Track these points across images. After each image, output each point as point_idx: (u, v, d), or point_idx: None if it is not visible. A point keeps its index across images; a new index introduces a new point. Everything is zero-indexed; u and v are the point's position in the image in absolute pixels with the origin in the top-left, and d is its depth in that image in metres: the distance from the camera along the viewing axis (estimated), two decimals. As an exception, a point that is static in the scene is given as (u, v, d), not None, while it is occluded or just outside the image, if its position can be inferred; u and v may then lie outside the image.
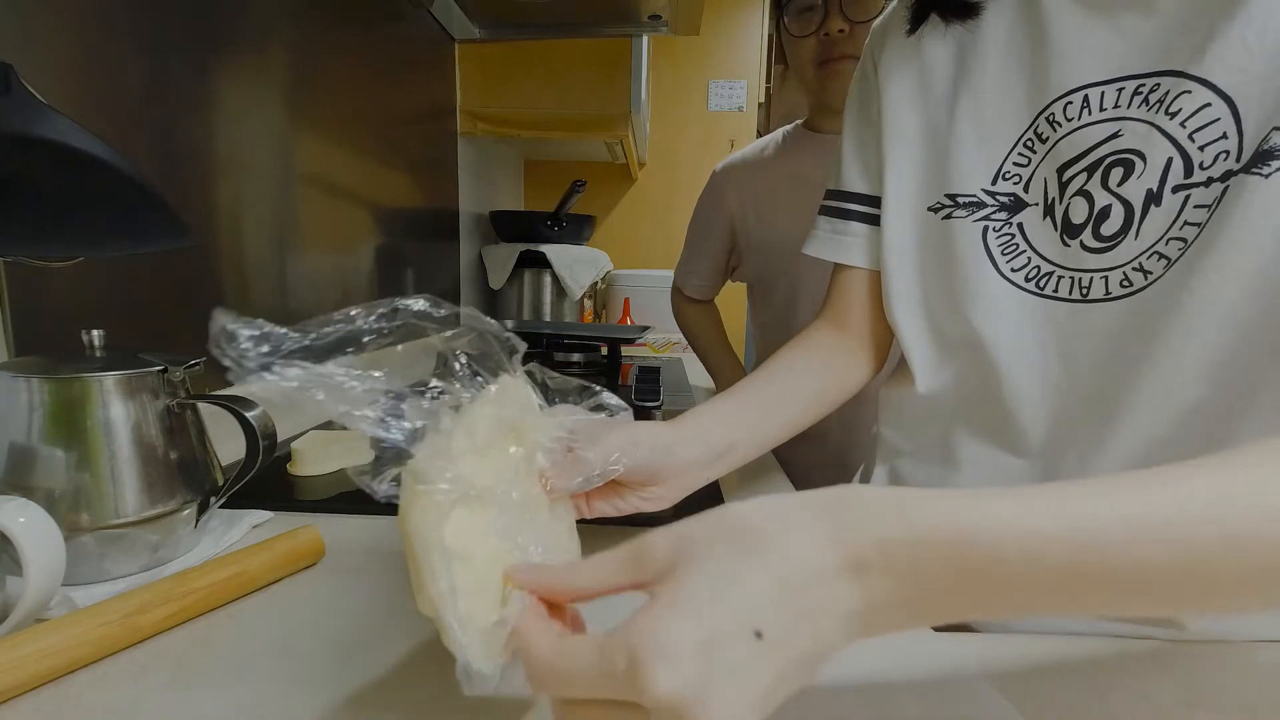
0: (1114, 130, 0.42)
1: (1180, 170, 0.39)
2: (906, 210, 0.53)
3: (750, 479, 0.70)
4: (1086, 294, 0.44)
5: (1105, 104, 0.42)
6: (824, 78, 0.94)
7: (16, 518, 0.34)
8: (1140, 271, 0.42)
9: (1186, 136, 0.39)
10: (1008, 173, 0.47)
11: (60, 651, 0.33)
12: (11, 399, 0.40)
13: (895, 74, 0.53)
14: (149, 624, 0.36)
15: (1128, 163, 0.41)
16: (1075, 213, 0.44)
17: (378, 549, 0.49)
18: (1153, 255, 0.41)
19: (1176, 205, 0.40)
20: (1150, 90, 0.41)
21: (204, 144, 0.75)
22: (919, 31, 0.52)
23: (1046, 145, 0.45)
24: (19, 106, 0.39)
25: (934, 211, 0.50)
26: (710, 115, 2.62)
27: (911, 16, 0.52)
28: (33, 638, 0.32)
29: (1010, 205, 0.47)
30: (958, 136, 0.49)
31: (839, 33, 0.89)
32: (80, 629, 0.34)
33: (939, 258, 0.51)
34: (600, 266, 2.01)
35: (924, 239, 0.52)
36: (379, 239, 1.21)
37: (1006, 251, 0.47)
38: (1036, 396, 0.47)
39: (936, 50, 0.51)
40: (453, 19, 1.45)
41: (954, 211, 0.49)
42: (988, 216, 0.48)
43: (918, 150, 0.52)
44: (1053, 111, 0.44)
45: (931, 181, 0.51)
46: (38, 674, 0.32)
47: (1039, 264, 0.46)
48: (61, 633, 0.33)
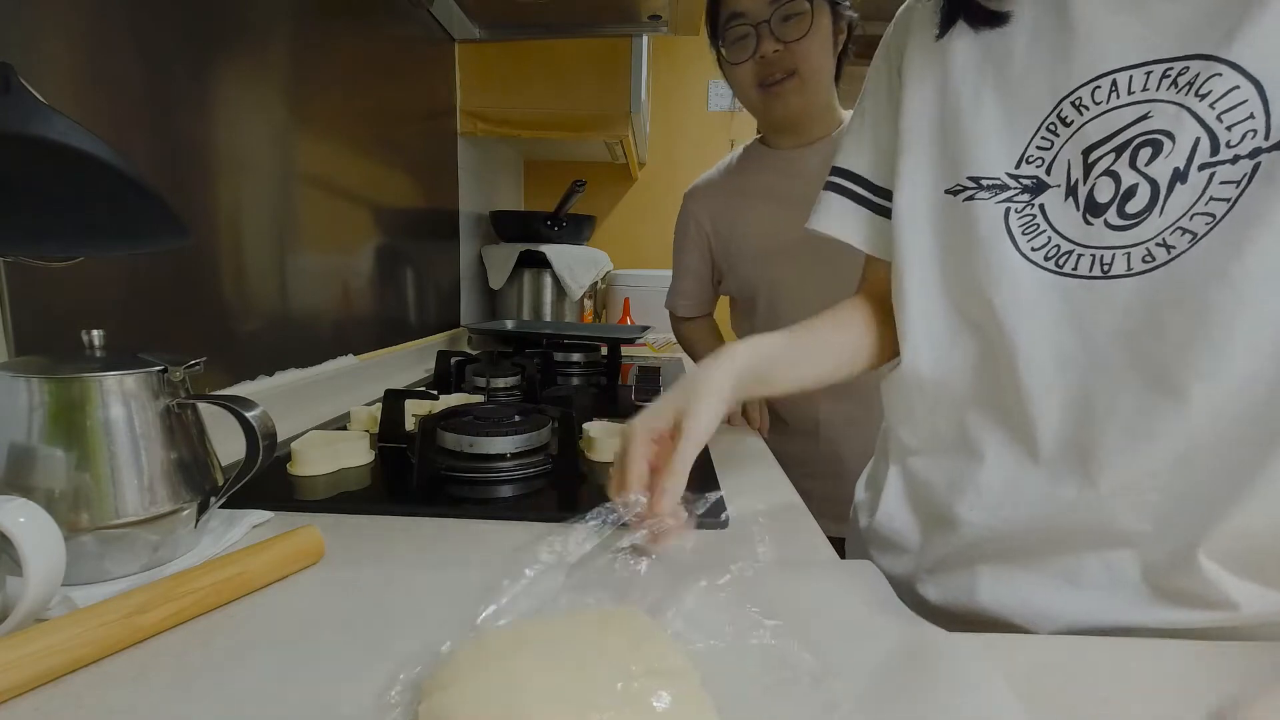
0: (1144, 112, 0.43)
1: (1207, 149, 0.41)
2: (921, 196, 0.54)
3: (747, 467, 0.70)
4: (1108, 270, 0.45)
5: (1134, 87, 0.44)
6: (767, 100, 0.98)
7: (16, 518, 0.34)
8: (1163, 247, 0.43)
9: (1215, 117, 0.41)
10: (1031, 156, 0.48)
11: (61, 651, 0.33)
12: (11, 399, 0.40)
13: (919, 76, 0.55)
14: (149, 624, 0.36)
15: (1156, 143, 0.43)
16: (1101, 192, 0.45)
17: (378, 549, 0.49)
18: (1176, 230, 0.43)
19: (1202, 182, 0.42)
20: (1179, 73, 0.42)
21: (204, 144, 0.75)
22: (947, 35, 0.53)
23: (1071, 129, 0.46)
24: (19, 106, 0.39)
25: (954, 194, 0.52)
26: (710, 115, 2.62)
27: (941, 21, 0.53)
28: (33, 637, 0.32)
29: (1032, 187, 0.48)
30: (981, 122, 0.50)
31: (774, 53, 0.93)
32: (81, 629, 0.34)
33: (960, 239, 0.52)
34: (600, 266, 2.01)
35: (942, 221, 0.53)
36: (379, 239, 1.21)
37: (1027, 231, 0.48)
38: (1049, 370, 0.48)
39: (960, 45, 0.52)
40: (453, 19, 1.45)
41: (976, 194, 0.50)
42: (1010, 198, 0.49)
43: (936, 140, 0.53)
44: (1079, 96, 0.46)
45: (949, 165, 0.52)
46: (38, 674, 0.32)
47: (1059, 243, 0.47)
48: (62, 633, 0.33)
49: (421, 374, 1.25)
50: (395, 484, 0.64)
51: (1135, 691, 0.36)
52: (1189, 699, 0.35)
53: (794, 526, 0.57)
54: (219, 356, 0.77)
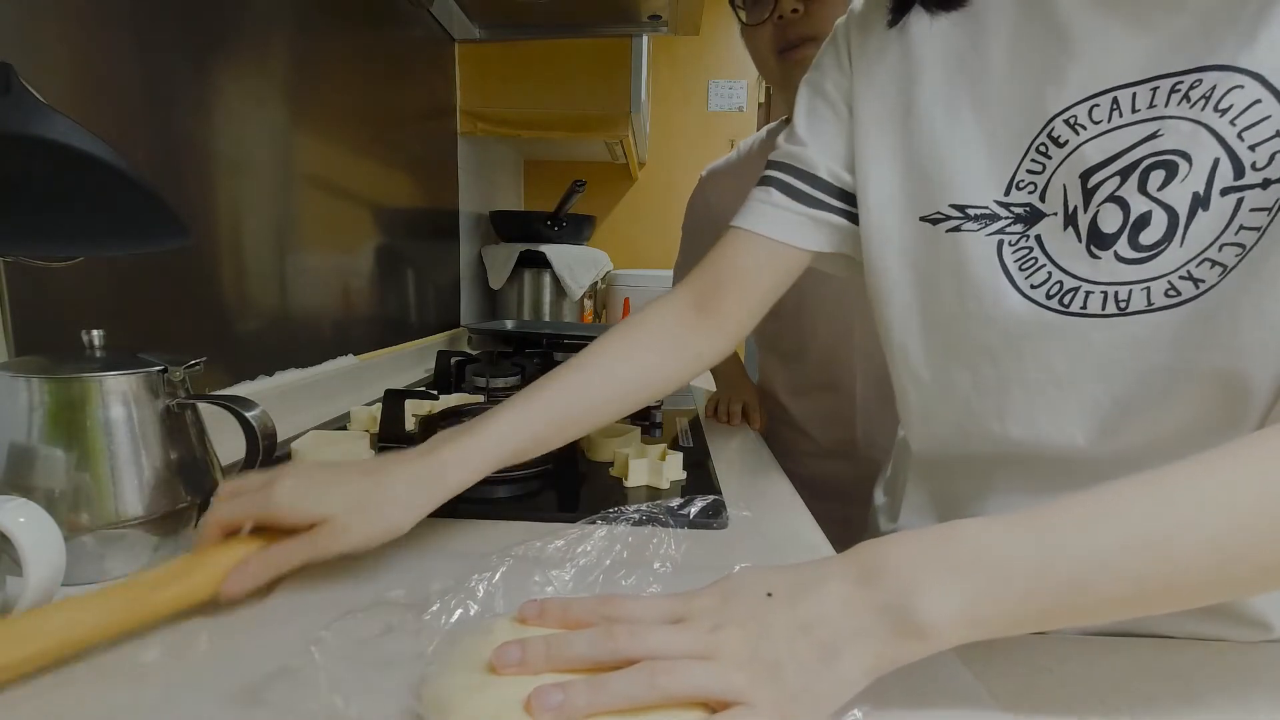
0: (1151, 131, 0.39)
1: (1229, 171, 0.37)
2: (891, 222, 0.49)
3: (746, 468, 0.70)
4: (1124, 307, 0.41)
5: (1139, 105, 0.39)
6: (787, 67, 0.90)
7: (16, 518, 0.34)
8: (1189, 280, 0.39)
9: (1235, 135, 0.37)
10: (1021, 181, 0.44)
11: (84, 624, 0.33)
12: (11, 399, 0.40)
13: (874, 65, 0.49)
14: (165, 601, 0.36)
15: (1170, 165, 0.39)
16: (1106, 221, 0.41)
17: (377, 548, 0.49)
18: (1203, 263, 0.38)
19: (1228, 209, 0.37)
20: (1191, 86, 0.38)
21: (204, 144, 0.75)
22: (902, 23, 0.48)
23: (1065, 150, 0.42)
24: (19, 106, 0.39)
25: (932, 224, 0.47)
26: (710, 115, 2.62)
27: (893, 5, 0.48)
28: (60, 609, 0.33)
29: (1026, 216, 0.44)
30: (958, 142, 0.45)
31: (793, 13, 0.86)
32: (102, 601, 0.34)
33: (944, 275, 0.47)
34: (600, 266, 2.01)
35: (920, 253, 0.48)
36: (379, 239, 1.21)
37: (1025, 267, 0.44)
38: (1064, 414, 0.44)
39: (925, 49, 0.47)
40: (453, 19, 1.45)
41: (963, 224, 0.45)
42: (1002, 230, 0.44)
43: (901, 155, 0.48)
44: (1074, 114, 0.41)
45: (922, 189, 0.47)
46: (68, 641, 0.33)
47: (1061, 279, 0.43)
48: (87, 605, 0.34)
49: (421, 374, 1.25)
50: (395, 484, 0.64)
51: (1136, 691, 0.36)
52: (1189, 699, 0.35)
53: (794, 527, 0.57)
54: (219, 356, 0.77)
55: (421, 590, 0.38)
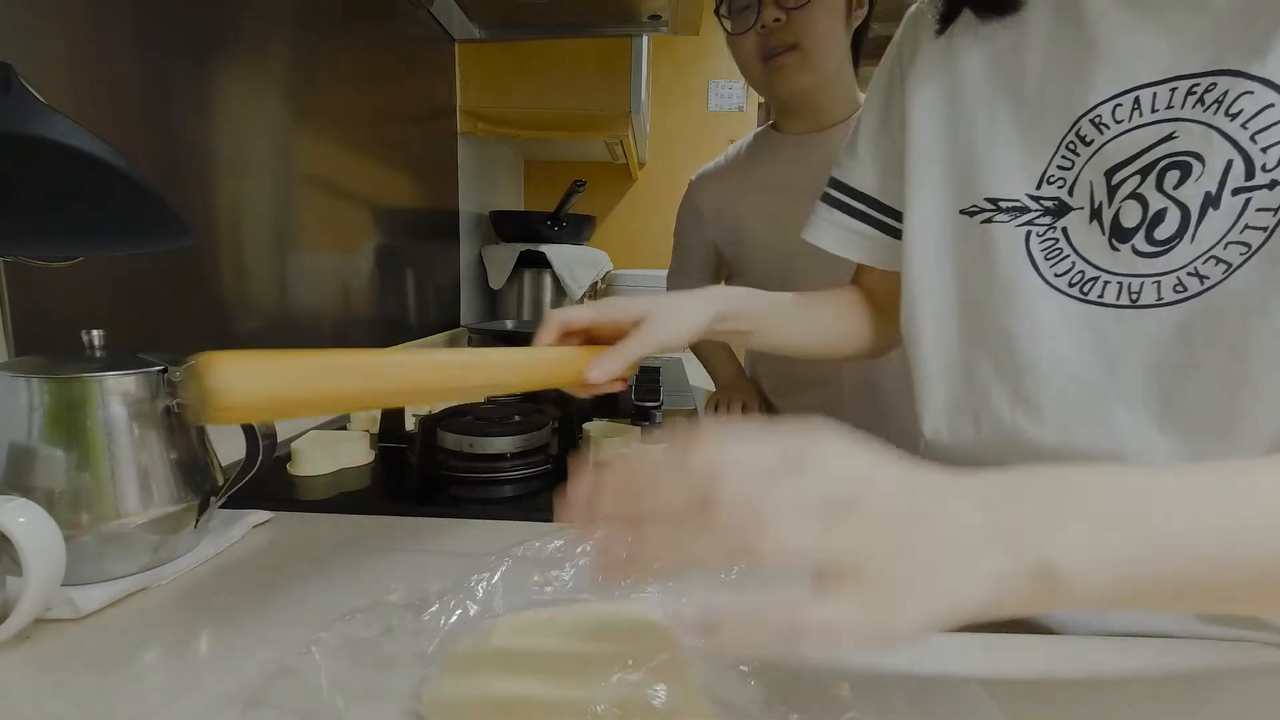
0: (1168, 132, 0.41)
1: (1241, 172, 0.38)
2: (935, 218, 0.52)
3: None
4: (1136, 299, 0.43)
5: (1157, 105, 0.41)
6: (770, 75, 0.93)
7: (16, 518, 0.34)
8: (1195, 276, 0.40)
9: (1249, 138, 0.38)
10: (1052, 176, 0.46)
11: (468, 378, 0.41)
12: (11, 399, 0.40)
13: (925, 83, 0.52)
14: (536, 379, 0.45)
15: (1184, 165, 0.40)
16: (1127, 216, 0.43)
17: (377, 548, 0.49)
18: (1209, 260, 0.40)
19: (1236, 208, 0.39)
20: (1205, 90, 0.39)
21: (204, 143, 0.75)
22: (950, 31, 0.50)
23: (1091, 148, 0.44)
24: (19, 106, 0.39)
25: (970, 215, 0.49)
26: (710, 115, 2.62)
27: (941, 15, 0.51)
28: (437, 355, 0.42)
29: (1055, 209, 0.46)
30: (997, 140, 0.48)
31: (775, 22, 0.88)
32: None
33: (977, 264, 0.50)
34: (600, 266, 2.01)
35: (958, 244, 0.51)
36: (379, 239, 1.21)
37: (1050, 256, 0.46)
38: (1076, 403, 0.46)
39: (970, 55, 0.50)
40: (453, 19, 1.45)
41: (995, 216, 0.48)
42: (1031, 221, 0.47)
43: (946, 156, 0.51)
44: (1099, 113, 0.43)
45: (964, 184, 0.50)
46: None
47: (1083, 269, 0.45)
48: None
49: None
50: (395, 484, 0.64)
51: (1137, 692, 0.36)
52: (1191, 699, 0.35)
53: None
54: (219, 356, 0.77)
55: (421, 591, 0.38)
